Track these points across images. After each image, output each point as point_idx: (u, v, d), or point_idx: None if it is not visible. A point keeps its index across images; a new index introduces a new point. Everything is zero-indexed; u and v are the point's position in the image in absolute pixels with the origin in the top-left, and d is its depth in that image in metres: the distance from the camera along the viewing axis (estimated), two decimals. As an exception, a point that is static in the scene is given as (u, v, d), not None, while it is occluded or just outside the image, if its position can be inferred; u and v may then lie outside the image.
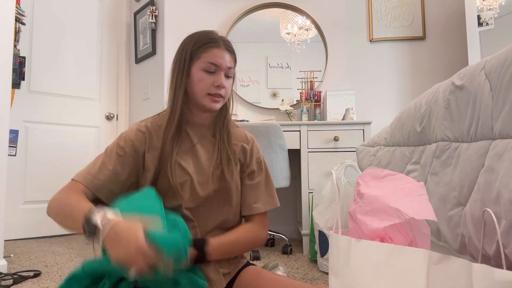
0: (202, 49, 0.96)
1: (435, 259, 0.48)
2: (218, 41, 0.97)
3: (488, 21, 2.45)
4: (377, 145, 1.41)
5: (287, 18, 3.06)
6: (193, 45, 0.97)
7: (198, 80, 0.96)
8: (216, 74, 0.96)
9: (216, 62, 0.95)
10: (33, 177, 2.71)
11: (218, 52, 0.96)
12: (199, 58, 0.96)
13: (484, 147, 0.68)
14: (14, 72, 2.00)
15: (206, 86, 0.96)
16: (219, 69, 0.96)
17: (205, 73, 0.96)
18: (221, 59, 0.96)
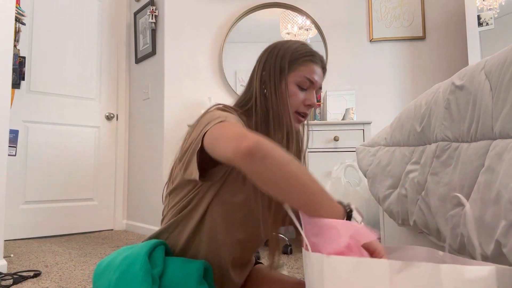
0: (301, 62, 0.88)
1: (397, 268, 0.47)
2: (316, 56, 0.90)
3: (488, 21, 2.45)
4: (377, 145, 1.41)
5: (287, 18, 3.06)
6: (292, 54, 0.88)
7: (290, 95, 0.86)
8: (308, 92, 0.89)
9: (312, 78, 0.88)
10: (33, 177, 2.71)
11: (317, 69, 0.89)
12: (295, 70, 0.87)
13: (484, 147, 0.68)
14: (14, 72, 2.00)
15: (297, 103, 0.87)
16: (312, 87, 0.89)
17: (298, 89, 0.88)
18: (317, 77, 0.89)
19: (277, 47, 0.91)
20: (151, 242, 0.81)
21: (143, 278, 0.72)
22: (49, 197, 2.78)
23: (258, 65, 0.93)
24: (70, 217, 2.86)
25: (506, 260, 0.60)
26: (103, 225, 3.04)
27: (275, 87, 0.87)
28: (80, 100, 2.98)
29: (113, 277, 0.75)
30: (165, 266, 0.78)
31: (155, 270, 0.76)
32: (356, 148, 1.65)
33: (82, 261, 1.94)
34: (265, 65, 0.90)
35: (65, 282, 1.57)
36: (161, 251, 0.81)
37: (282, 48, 0.90)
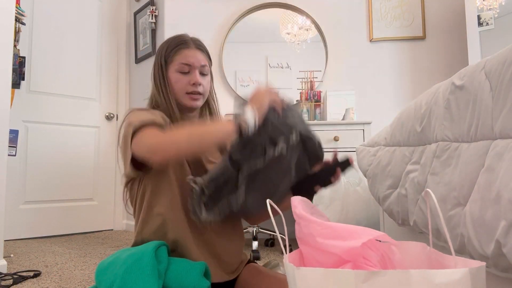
0: (174, 52, 1.01)
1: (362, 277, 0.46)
2: (187, 42, 1.03)
3: (488, 21, 2.45)
4: (377, 145, 1.41)
5: (287, 18, 3.06)
6: (166, 50, 1.03)
7: (175, 82, 1.00)
8: (190, 73, 1.01)
9: (188, 61, 1.00)
10: (33, 177, 2.71)
11: (189, 52, 1.01)
12: (172, 61, 1.01)
13: (484, 147, 0.68)
14: (14, 72, 2.00)
15: (183, 86, 1.00)
16: (192, 68, 1.01)
17: (180, 74, 1.00)
18: (192, 58, 1.01)
19: (158, 48, 1.07)
20: (155, 242, 0.85)
21: (151, 271, 0.76)
22: (49, 197, 2.78)
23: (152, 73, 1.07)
24: (70, 217, 2.86)
25: (506, 260, 0.60)
26: (103, 225, 3.04)
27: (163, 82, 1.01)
28: (80, 100, 2.98)
29: (120, 270, 0.76)
30: (168, 263, 0.82)
31: (161, 266, 0.79)
32: (356, 148, 1.65)
33: (82, 261, 1.94)
34: (154, 67, 1.05)
35: (65, 282, 1.57)
36: (165, 250, 0.85)
37: (160, 48, 1.05)
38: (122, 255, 0.82)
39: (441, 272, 0.45)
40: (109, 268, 0.80)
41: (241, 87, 3.02)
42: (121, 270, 0.76)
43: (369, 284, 0.46)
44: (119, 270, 0.76)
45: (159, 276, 0.78)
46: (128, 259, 0.78)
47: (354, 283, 0.46)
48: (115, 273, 0.76)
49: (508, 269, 0.62)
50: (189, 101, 1.01)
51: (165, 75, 1.01)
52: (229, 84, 3.00)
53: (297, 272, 0.50)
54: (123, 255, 0.81)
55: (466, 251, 0.72)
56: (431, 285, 0.44)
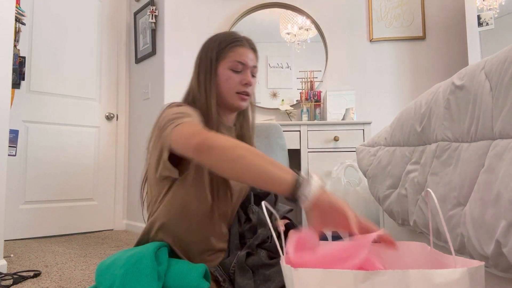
0: (228, 48, 0.97)
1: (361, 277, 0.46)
2: (242, 40, 0.99)
3: (488, 21, 2.45)
4: (377, 145, 1.41)
5: (287, 18, 3.06)
6: (219, 45, 0.98)
7: (226, 79, 0.96)
8: (242, 73, 0.98)
9: (243, 60, 0.97)
10: (33, 177, 2.71)
11: (244, 50, 0.98)
12: (225, 57, 0.97)
13: (484, 147, 0.68)
14: (14, 72, 2.00)
15: (234, 85, 0.96)
16: (245, 68, 0.98)
17: (232, 72, 0.97)
18: (246, 57, 0.98)
19: (206, 43, 1.02)
20: (156, 243, 0.85)
21: (151, 273, 0.76)
22: (49, 197, 2.78)
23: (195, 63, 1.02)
24: (70, 217, 2.86)
25: (506, 260, 0.60)
26: (103, 225, 3.04)
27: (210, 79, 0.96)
28: (80, 100, 2.98)
29: (120, 271, 0.76)
30: (168, 265, 0.82)
31: (161, 267, 0.79)
32: (356, 148, 1.65)
33: (82, 261, 1.94)
34: (200, 61, 1.00)
35: (65, 282, 1.57)
36: (165, 251, 0.84)
37: (210, 42, 1.01)
38: (122, 256, 0.82)
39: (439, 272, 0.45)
40: (109, 269, 0.80)
41: (241, 87, 3.02)
42: (121, 271, 0.76)
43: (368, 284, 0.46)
44: (119, 272, 0.76)
45: (159, 277, 0.78)
46: (128, 261, 0.78)
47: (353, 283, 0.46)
48: (115, 274, 0.77)
49: (508, 269, 0.62)
50: (237, 101, 0.97)
51: (214, 70, 0.97)
52: (229, 84, 3.00)
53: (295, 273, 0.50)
54: (123, 256, 0.81)
55: (466, 251, 0.72)
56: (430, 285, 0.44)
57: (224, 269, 0.91)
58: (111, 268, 0.79)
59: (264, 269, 0.86)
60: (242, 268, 0.86)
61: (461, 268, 0.45)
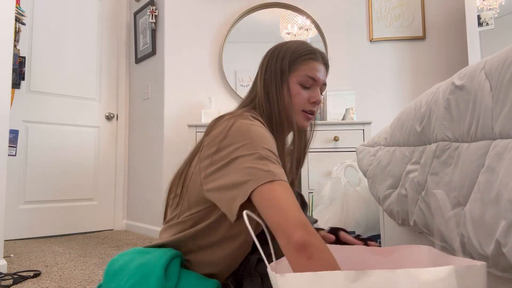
0: (301, 61, 0.89)
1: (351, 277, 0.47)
2: (316, 53, 0.92)
3: (488, 21, 2.45)
4: (377, 145, 1.41)
5: (287, 18, 3.06)
6: (291, 55, 0.89)
7: (294, 95, 0.87)
8: (312, 90, 0.90)
9: (315, 76, 0.89)
10: (33, 177, 2.71)
11: (317, 65, 0.90)
12: (296, 70, 0.88)
13: (484, 147, 0.68)
14: (14, 72, 2.00)
15: (302, 102, 0.88)
16: (315, 84, 0.90)
17: (301, 88, 0.88)
18: (319, 73, 0.90)
19: (277, 49, 0.92)
20: (168, 253, 0.80)
21: None
22: (49, 197, 2.78)
23: (260, 69, 0.94)
24: (70, 217, 2.86)
25: (506, 260, 0.60)
26: (103, 225, 3.04)
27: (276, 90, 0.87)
28: (80, 100, 2.98)
29: (126, 284, 0.74)
30: (179, 279, 0.77)
31: (169, 283, 0.75)
32: (356, 148, 1.65)
33: (82, 261, 1.94)
34: (267, 69, 0.91)
35: (65, 282, 1.57)
36: (177, 264, 0.80)
37: (282, 49, 0.91)
38: (133, 262, 0.78)
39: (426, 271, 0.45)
40: (117, 275, 0.77)
41: (241, 87, 3.02)
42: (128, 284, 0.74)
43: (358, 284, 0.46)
44: (126, 284, 0.74)
45: None
46: (137, 273, 0.75)
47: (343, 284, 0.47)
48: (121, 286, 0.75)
49: (508, 269, 0.62)
50: (302, 120, 0.89)
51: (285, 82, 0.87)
52: (229, 84, 3.00)
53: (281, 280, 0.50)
54: (134, 264, 0.77)
55: (466, 251, 0.72)
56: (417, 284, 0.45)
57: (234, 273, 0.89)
58: (119, 274, 0.77)
59: None
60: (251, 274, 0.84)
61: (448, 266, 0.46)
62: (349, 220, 1.78)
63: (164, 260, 0.77)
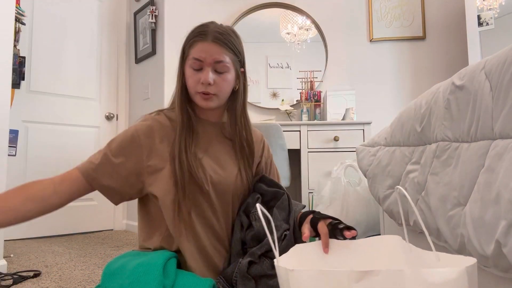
0: (190, 44, 0.92)
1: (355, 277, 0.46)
2: (205, 34, 0.90)
3: (488, 21, 2.45)
4: (377, 145, 1.41)
5: (287, 18, 3.06)
6: (185, 41, 0.95)
7: (187, 78, 0.93)
8: (202, 71, 0.90)
9: (200, 57, 0.89)
10: (33, 177, 2.71)
11: (203, 45, 0.89)
12: (188, 54, 0.92)
13: (484, 147, 0.68)
14: (14, 72, 2.00)
15: (194, 84, 0.91)
16: (204, 64, 0.89)
17: (193, 71, 0.91)
18: (204, 53, 0.88)
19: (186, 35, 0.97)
20: (165, 254, 0.84)
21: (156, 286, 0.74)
22: (49, 197, 2.78)
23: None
24: (70, 217, 2.86)
25: (506, 260, 0.60)
26: (103, 225, 3.04)
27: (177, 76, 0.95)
28: (80, 100, 2.98)
29: (126, 281, 0.75)
30: (176, 278, 0.80)
31: (167, 281, 0.77)
32: (356, 148, 1.65)
33: (82, 261, 1.94)
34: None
35: (65, 282, 1.57)
36: (173, 263, 0.83)
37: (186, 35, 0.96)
38: (131, 262, 0.80)
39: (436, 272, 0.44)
40: (116, 275, 0.78)
41: (241, 87, 3.02)
42: (127, 281, 0.75)
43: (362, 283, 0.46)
44: (125, 281, 0.75)
45: None
46: (135, 271, 0.76)
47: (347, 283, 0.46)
48: (121, 283, 0.76)
49: (508, 269, 0.62)
50: (200, 101, 0.92)
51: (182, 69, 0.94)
52: (229, 84, 3.00)
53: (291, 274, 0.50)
54: (132, 264, 0.79)
55: (466, 251, 0.72)
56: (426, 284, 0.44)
57: (226, 279, 0.88)
58: (118, 274, 0.78)
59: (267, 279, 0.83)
60: (244, 277, 0.84)
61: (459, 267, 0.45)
62: (349, 220, 1.78)
63: (162, 259, 0.80)
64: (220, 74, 0.91)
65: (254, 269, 0.85)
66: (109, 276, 0.79)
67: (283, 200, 0.97)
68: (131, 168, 0.90)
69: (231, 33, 0.94)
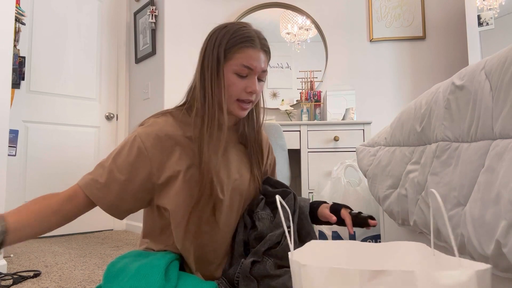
0: (237, 49, 0.85)
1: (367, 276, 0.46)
2: (254, 40, 0.86)
3: (488, 21, 2.45)
4: (377, 145, 1.41)
5: (287, 18, 3.06)
6: (227, 42, 0.86)
7: (229, 85, 0.85)
8: (248, 78, 0.86)
9: (251, 65, 0.85)
10: (33, 177, 2.71)
11: (254, 53, 0.85)
12: (232, 58, 0.85)
13: (484, 147, 0.68)
14: (14, 72, 2.00)
15: (237, 91, 0.86)
16: (252, 73, 0.86)
17: (237, 77, 0.86)
18: (256, 61, 0.85)
19: (215, 34, 0.89)
20: (168, 256, 0.82)
21: None
22: (49, 197, 2.78)
23: (200, 54, 0.91)
24: (70, 217, 2.86)
25: (506, 260, 0.60)
26: (103, 225, 3.04)
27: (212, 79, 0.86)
28: (80, 100, 2.98)
29: (127, 284, 0.74)
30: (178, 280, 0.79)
31: (169, 284, 0.76)
32: (356, 148, 1.65)
33: (82, 261, 1.94)
34: (205, 56, 0.89)
35: (65, 282, 1.57)
36: (176, 266, 0.82)
37: (219, 35, 0.88)
38: (133, 264, 0.79)
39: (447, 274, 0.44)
40: (118, 276, 0.77)
41: (241, 87, 3.03)
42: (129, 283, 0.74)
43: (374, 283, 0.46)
44: (127, 284, 0.74)
45: None
46: (138, 273, 0.75)
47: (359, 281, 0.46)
48: (123, 286, 0.75)
49: (508, 269, 0.62)
50: (237, 110, 0.87)
51: (220, 71, 0.85)
52: (229, 84, 3.00)
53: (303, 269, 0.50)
54: (134, 265, 0.78)
55: (466, 251, 0.72)
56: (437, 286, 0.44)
57: (228, 280, 0.88)
58: (119, 276, 0.77)
59: (270, 280, 0.82)
60: (246, 278, 0.83)
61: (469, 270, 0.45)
62: (349, 220, 1.78)
63: (164, 261, 0.79)
64: (260, 82, 0.90)
65: (257, 269, 0.85)
66: (111, 278, 0.79)
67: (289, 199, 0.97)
68: (140, 183, 0.84)
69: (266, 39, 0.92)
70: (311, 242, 0.72)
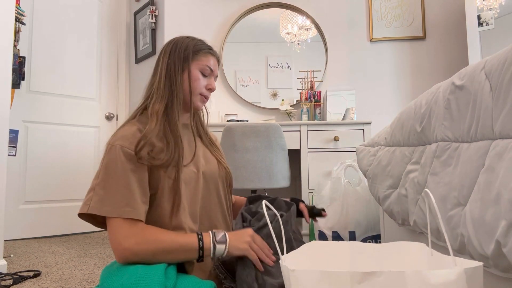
0: (203, 53, 1.04)
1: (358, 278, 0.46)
2: (213, 50, 1.08)
3: (488, 21, 2.45)
4: (377, 145, 1.41)
5: (287, 18, 3.06)
6: (194, 46, 1.04)
7: (194, 79, 1.01)
8: (209, 78, 1.05)
9: (212, 67, 1.05)
10: (33, 177, 2.71)
11: (213, 60, 1.06)
12: (198, 59, 1.03)
13: (484, 147, 0.68)
14: (14, 72, 2.00)
15: (200, 86, 1.03)
16: (212, 74, 1.06)
17: (201, 75, 1.03)
18: (214, 66, 1.06)
19: (181, 41, 1.06)
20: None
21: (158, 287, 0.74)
22: (49, 197, 2.78)
23: (162, 55, 1.05)
24: (70, 217, 2.85)
25: (506, 260, 0.60)
26: (103, 225, 3.04)
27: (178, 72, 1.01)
28: (80, 100, 2.98)
29: (127, 281, 0.74)
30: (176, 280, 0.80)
31: (168, 283, 0.77)
32: (356, 148, 1.65)
33: (82, 261, 1.94)
34: (170, 54, 1.03)
35: (65, 282, 1.57)
36: (174, 266, 0.84)
37: (185, 41, 1.06)
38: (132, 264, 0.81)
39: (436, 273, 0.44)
40: (117, 274, 0.78)
41: (241, 87, 3.02)
42: (129, 281, 0.74)
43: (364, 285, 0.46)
44: (127, 281, 0.75)
45: None
46: (137, 272, 0.76)
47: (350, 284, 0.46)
48: (122, 283, 0.75)
49: (508, 269, 0.62)
50: (198, 102, 1.04)
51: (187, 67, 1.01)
52: (229, 84, 3.00)
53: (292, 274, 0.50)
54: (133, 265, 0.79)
55: (466, 251, 0.72)
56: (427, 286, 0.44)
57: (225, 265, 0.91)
58: (118, 274, 0.77)
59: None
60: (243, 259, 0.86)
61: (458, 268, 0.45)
62: (349, 220, 1.78)
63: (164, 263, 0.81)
64: None
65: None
66: (110, 274, 0.79)
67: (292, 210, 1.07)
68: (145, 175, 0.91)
69: None
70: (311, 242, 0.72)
